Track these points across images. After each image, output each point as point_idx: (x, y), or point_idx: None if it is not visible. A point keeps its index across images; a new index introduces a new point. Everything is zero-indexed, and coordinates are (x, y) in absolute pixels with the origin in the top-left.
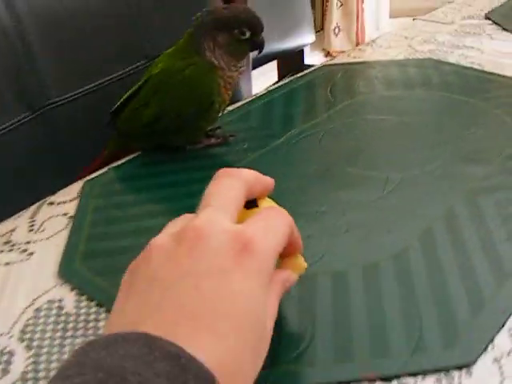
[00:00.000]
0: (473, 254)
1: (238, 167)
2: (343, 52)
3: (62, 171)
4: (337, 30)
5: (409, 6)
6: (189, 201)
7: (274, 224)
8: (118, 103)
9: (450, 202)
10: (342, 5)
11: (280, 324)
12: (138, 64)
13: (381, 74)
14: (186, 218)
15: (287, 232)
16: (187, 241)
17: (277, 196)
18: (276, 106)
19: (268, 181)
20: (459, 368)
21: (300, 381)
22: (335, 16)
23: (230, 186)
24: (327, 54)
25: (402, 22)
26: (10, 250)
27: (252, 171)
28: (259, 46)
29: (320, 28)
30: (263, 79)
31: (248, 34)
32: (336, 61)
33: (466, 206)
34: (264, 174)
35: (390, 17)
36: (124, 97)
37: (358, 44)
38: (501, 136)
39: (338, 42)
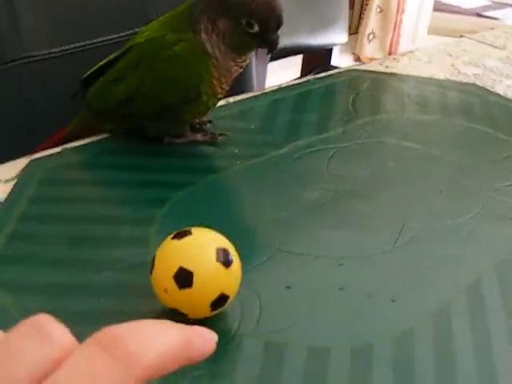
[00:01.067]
0: (495, 345)
1: (222, 175)
2: (374, 59)
3: (23, 135)
4: (371, 36)
5: (450, 25)
6: (151, 210)
7: None
8: (91, 71)
9: (475, 273)
10: (381, 11)
11: None
12: (137, 30)
13: (414, 93)
14: None
15: None
16: None
17: (259, 227)
18: (285, 107)
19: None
20: None
21: None
22: (372, 21)
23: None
24: (357, 58)
25: (440, 40)
26: None
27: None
28: (270, 44)
29: (354, 31)
30: (283, 73)
31: (257, 28)
32: (365, 67)
33: (496, 282)
34: (250, 193)
35: (429, 33)
36: (99, 64)
37: (390, 54)
38: None
39: (370, 49)
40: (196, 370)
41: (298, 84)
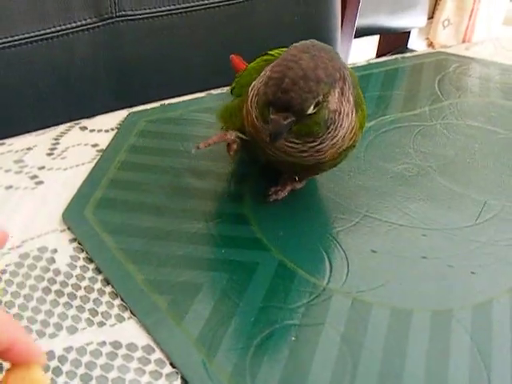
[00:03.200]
0: None
1: None
2: (447, 47)
3: (116, 92)
4: (446, 23)
5: None
6: (246, 168)
7: None
8: None
9: None
10: None
11: (313, 358)
12: None
13: (499, 79)
14: None
15: None
16: None
17: (348, 193)
18: (373, 82)
19: None
20: None
21: None
22: (448, 8)
23: None
24: (430, 44)
25: None
26: (18, 172)
27: None
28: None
29: (430, 16)
30: (358, 53)
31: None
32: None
33: None
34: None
35: (504, 24)
36: None
37: (464, 42)
38: None
39: (444, 35)
40: (286, 320)
41: (385, 61)
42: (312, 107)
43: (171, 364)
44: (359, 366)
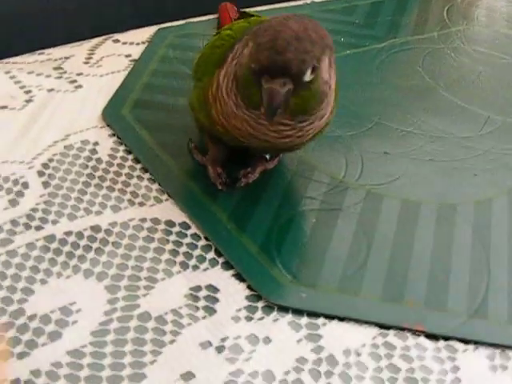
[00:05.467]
0: None
1: None
2: None
3: (142, 13)
4: None
5: None
6: None
7: None
8: None
9: None
10: None
11: (332, 236)
12: None
13: (506, 10)
14: None
15: None
16: None
17: (362, 102)
18: (385, 8)
19: None
20: None
21: (337, 308)
22: None
23: None
24: None
25: None
26: (58, 77)
27: None
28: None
29: None
30: None
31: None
32: None
33: None
34: (354, 76)
35: None
36: None
37: None
38: None
39: None
40: (307, 205)
41: None
42: (309, 72)
43: (205, 238)
44: (373, 246)
